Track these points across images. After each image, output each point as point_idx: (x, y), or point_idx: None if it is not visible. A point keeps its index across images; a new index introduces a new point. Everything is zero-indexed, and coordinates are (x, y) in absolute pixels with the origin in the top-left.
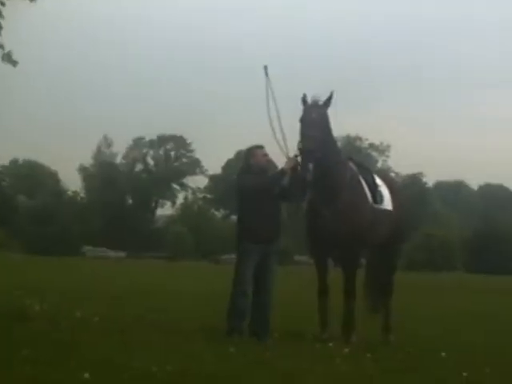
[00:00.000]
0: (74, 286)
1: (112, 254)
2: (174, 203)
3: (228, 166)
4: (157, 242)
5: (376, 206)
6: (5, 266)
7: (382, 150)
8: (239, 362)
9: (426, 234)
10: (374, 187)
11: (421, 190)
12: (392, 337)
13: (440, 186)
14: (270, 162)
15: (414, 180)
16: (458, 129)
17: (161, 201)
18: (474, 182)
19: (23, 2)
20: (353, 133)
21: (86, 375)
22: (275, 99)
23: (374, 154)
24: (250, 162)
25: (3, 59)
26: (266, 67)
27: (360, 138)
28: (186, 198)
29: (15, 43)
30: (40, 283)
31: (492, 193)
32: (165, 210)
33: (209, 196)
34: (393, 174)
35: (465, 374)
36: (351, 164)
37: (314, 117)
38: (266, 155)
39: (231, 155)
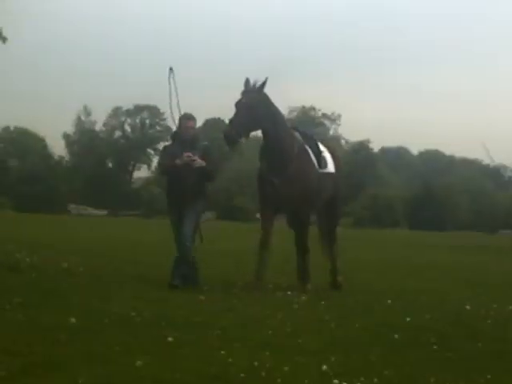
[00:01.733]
0: (60, 240)
1: (94, 211)
2: (149, 166)
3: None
4: (134, 201)
5: (321, 170)
6: None
7: (334, 119)
8: (210, 308)
9: (372, 195)
10: (318, 154)
11: (367, 155)
12: (340, 278)
13: (385, 151)
14: (192, 133)
15: (362, 146)
16: (404, 101)
17: (137, 164)
18: (415, 148)
19: None
20: (308, 104)
21: (73, 319)
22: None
23: (327, 122)
24: (177, 130)
25: None
26: (171, 69)
27: (314, 109)
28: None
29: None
30: (30, 238)
31: (430, 158)
32: (141, 173)
33: None
34: (343, 141)
35: (408, 318)
36: (297, 134)
37: (244, 102)
38: (191, 127)
39: (200, 124)
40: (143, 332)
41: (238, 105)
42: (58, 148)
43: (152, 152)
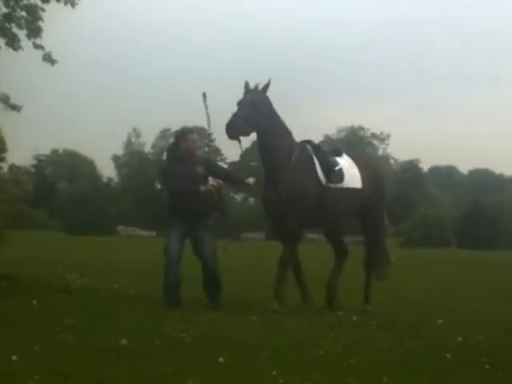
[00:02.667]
0: (110, 262)
1: (143, 233)
2: None
3: (245, 154)
4: None
5: (331, 185)
6: (48, 244)
7: (382, 138)
8: (261, 328)
9: (422, 214)
10: (329, 168)
11: (417, 174)
12: (369, 307)
13: (434, 170)
14: (197, 149)
15: (411, 165)
16: (452, 119)
17: None
18: (465, 167)
19: (63, 8)
20: (356, 124)
21: (124, 341)
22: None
23: (375, 142)
24: (179, 144)
25: (44, 59)
26: (204, 94)
27: (362, 128)
28: None
29: (55, 43)
30: (80, 260)
31: (479, 176)
32: None
33: None
34: (392, 160)
35: (460, 338)
36: (308, 146)
37: (247, 99)
38: (195, 142)
39: (248, 145)
40: (194, 353)
41: (241, 102)
42: (107, 170)
43: None
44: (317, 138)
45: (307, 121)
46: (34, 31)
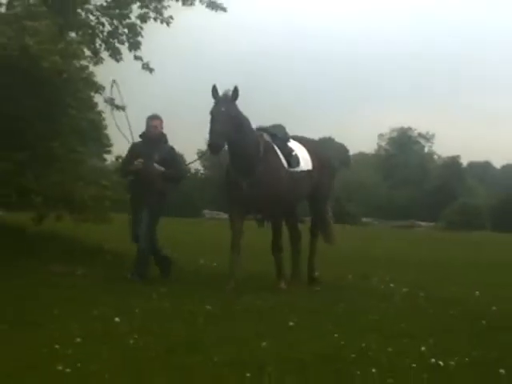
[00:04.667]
0: (197, 240)
1: (225, 215)
2: None
3: None
4: None
5: (292, 169)
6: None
7: (428, 138)
8: (324, 298)
9: (462, 203)
10: (288, 153)
11: (458, 169)
12: (316, 273)
13: (472, 165)
14: (157, 132)
15: (452, 161)
16: (484, 120)
17: None
18: (498, 162)
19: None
20: (406, 124)
21: (208, 307)
22: None
23: (422, 141)
24: (145, 130)
25: (143, 68)
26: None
27: (411, 129)
28: None
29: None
30: (171, 237)
31: (511, 171)
32: None
33: None
34: (436, 157)
35: (494, 308)
36: (265, 135)
37: (223, 112)
38: (155, 126)
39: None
40: (268, 318)
41: (217, 114)
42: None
43: None
44: (373, 137)
45: (362, 120)
46: (135, 45)
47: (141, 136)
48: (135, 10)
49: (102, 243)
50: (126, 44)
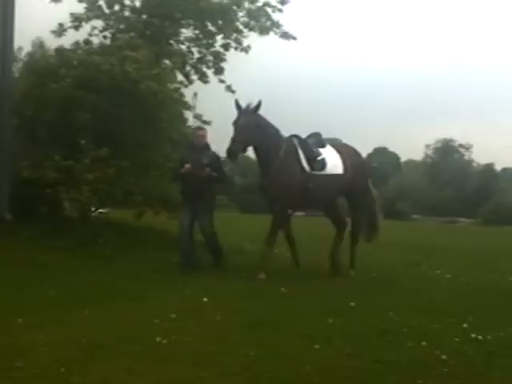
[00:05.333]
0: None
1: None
2: None
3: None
4: None
5: (315, 172)
6: (227, 220)
7: (467, 147)
8: (380, 282)
9: (497, 202)
10: (313, 158)
11: (493, 174)
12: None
13: (505, 171)
14: (203, 141)
15: (488, 168)
16: None
17: None
18: None
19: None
20: (448, 136)
21: (283, 289)
22: None
23: (462, 150)
24: (192, 139)
25: (226, 90)
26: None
27: (452, 140)
28: None
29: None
30: (250, 231)
31: None
32: None
33: None
34: (474, 164)
35: None
36: (294, 140)
37: (242, 123)
38: (203, 136)
39: (369, 151)
40: (332, 298)
41: (237, 125)
42: None
43: None
44: (420, 147)
45: (411, 132)
46: (219, 70)
47: (188, 145)
48: (219, 39)
49: None
50: (212, 69)
